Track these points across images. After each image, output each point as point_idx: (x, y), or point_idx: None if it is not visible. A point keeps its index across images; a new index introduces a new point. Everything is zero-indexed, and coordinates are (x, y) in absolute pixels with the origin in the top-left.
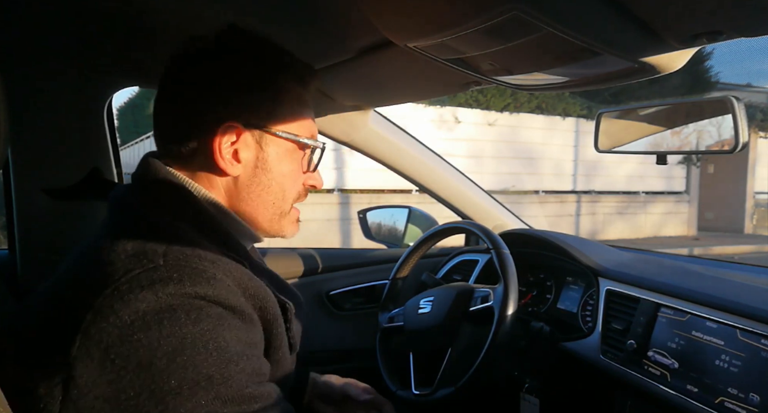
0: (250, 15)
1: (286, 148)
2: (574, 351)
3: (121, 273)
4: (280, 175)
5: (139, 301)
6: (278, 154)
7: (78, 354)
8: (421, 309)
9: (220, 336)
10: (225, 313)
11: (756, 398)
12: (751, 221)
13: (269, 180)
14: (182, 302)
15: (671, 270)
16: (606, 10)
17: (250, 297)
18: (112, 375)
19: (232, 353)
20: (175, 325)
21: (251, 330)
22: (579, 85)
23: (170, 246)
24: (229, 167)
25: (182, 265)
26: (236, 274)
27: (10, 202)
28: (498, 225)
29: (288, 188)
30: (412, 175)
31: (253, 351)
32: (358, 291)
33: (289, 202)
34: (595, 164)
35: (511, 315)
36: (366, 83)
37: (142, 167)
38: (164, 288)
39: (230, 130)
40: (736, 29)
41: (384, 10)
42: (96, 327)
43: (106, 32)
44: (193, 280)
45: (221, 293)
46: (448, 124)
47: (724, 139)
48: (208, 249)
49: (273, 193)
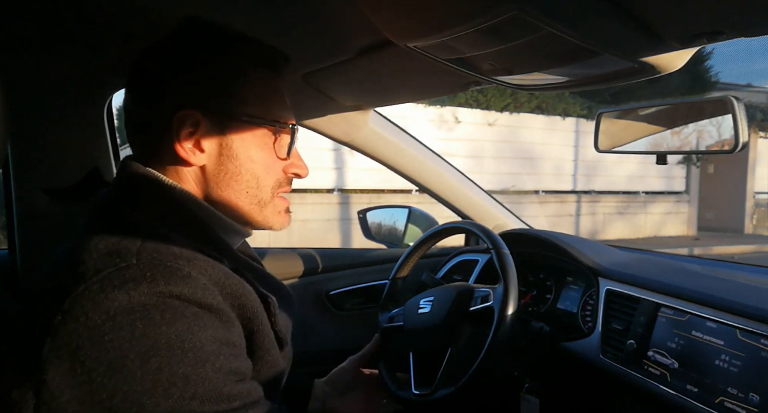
0: (251, 15)
1: (252, 132)
2: (574, 351)
3: (92, 273)
4: (248, 162)
5: (110, 301)
6: (243, 140)
7: (48, 357)
8: (421, 309)
9: (195, 337)
10: (201, 312)
11: (756, 398)
12: (751, 221)
13: (236, 167)
14: (156, 301)
15: (671, 270)
16: (606, 11)
17: (228, 295)
18: (83, 378)
19: (209, 352)
20: (148, 326)
21: (229, 329)
22: (579, 85)
23: (144, 244)
24: (192, 157)
25: (156, 264)
26: (212, 272)
27: (10, 201)
28: (498, 225)
29: (261, 175)
30: (412, 175)
31: (230, 350)
32: (358, 291)
33: (267, 191)
34: (595, 164)
35: (511, 315)
36: (366, 83)
37: (119, 168)
38: (137, 288)
39: (188, 118)
40: (736, 29)
41: (384, 10)
42: (65, 329)
43: (106, 32)
44: (168, 279)
45: (196, 292)
46: (448, 124)
47: (724, 139)
48: (183, 246)
49: (244, 181)
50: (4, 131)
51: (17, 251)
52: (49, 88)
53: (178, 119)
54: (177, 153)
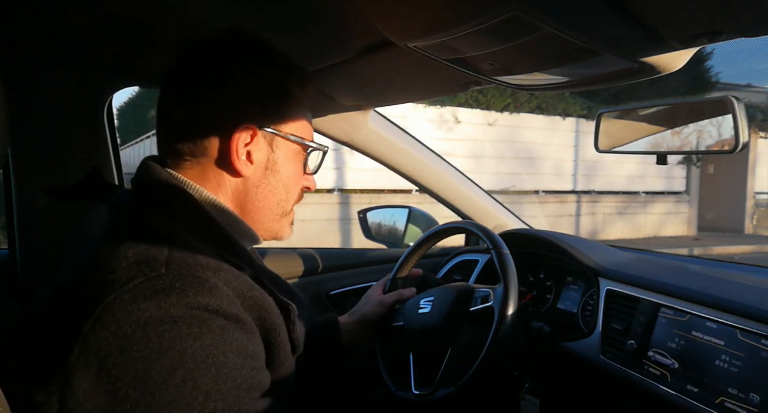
0: (251, 15)
1: (293, 150)
2: (574, 351)
3: (123, 281)
4: (286, 177)
5: (141, 311)
6: (286, 157)
7: (76, 363)
8: (421, 309)
9: (220, 352)
10: (227, 324)
11: (756, 398)
12: (751, 221)
13: (277, 181)
14: (184, 314)
15: (671, 270)
16: (606, 11)
17: (249, 307)
18: (108, 386)
19: (231, 368)
20: (176, 338)
21: (251, 340)
22: (579, 85)
23: (171, 253)
24: (244, 168)
25: (184, 274)
26: (236, 284)
27: (10, 201)
28: (498, 225)
29: (291, 189)
30: (412, 175)
31: (252, 363)
32: (358, 291)
33: (291, 203)
34: (595, 164)
35: (511, 315)
36: (366, 83)
37: (140, 171)
38: (167, 299)
39: (246, 131)
40: (736, 29)
41: (384, 10)
42: (95, 336)
43: (106, 32)
44: (196, 290)
45: (222, 303)
46: (448, 124)
47: (724, 139)
48: (209, 255)
49: (278, 195)
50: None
51: (17, 251)
52: (49, 88)
53: (240, 131)
54: (231, 162)
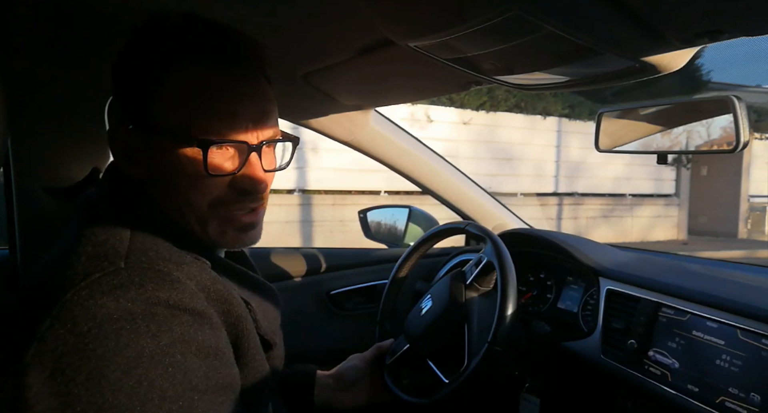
0: (251, 14)
1: (173, 147)
2: (574, 351)
3: (81, 277)
4: (172, 176)
5: (98, 307)
6: (165, 155)
7: (32, 362)
8: (423, 309)
9: (178, 351)
10: (189, 320)
11: (757, 398)
12: (745, 225)
13: (165, 183)
14: (143, 310)
15: (672, 270)
16: (607, 10)
17: (213, 301)
18: (61, 387)
19: (189, 369)
20: (133, 336)
21: (215, 336)
22: (580, 85)
23: (132, 246)
24: (127, 168)
25: (145, 268)
26: (200, 278)
27: (10, 201)
28: (498, 224)
29: (189, 192)
30: (412, 175)
31: (214, 362)
32: (359, 291)
33: (202, 209)
34: (578, 165)
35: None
36: (367, 83)
37: (106, 168)
38: (125, 294)
39: (118, 132)
40: (738, 28)
41: (385, 10)
42: (53, 334)
43: (106, 32)
44: (156, 284)
45: (185, 297)
46: (420, 123)
47: (724, 139)
48: (171, 249)
49: (174, 198)
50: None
51: (17, 251)
52: (49, 88)
53: (109, 133)
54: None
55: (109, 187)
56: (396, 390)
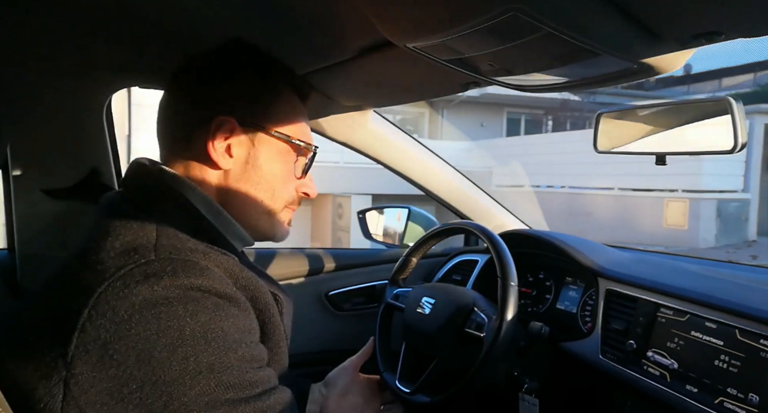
0: (251, 15)
1: (278, 148)
2: (573, 352)
3: (114, 270)
4: (269, 174)
5: (135, 295)
6: (269, 153)
7: (76, 353)
8: (421, 308)
9: (218, 326)
10: (221, 302)
11: (755, 398)
12: None
13: (258, 177)
14: (178, 294)
15: (671, 271)
16: (605, 11)
17: (241, 287)
18: (112, 370)
19: (231, 341)
20: (172, 317)
21: (247, 317)
22: (578, 86)
23: (159, 241)
24: (221, 160)
25: (174, 258)
26: (226, 265)
27: (10, 201)
28: (497, 225)
29: (277, 188)
30: (411, 176)
31: (250, 337)
32: (358, 291)
33: (280, 203)
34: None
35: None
36: (365, 83)
37: (130, 170)
38: (159, 282)
39: (224, 124)
40: (735, 30)
41: (383, 11)
42: (93, 324)
43: (106, 32)
44: (187, 272)
45: (214, 283)
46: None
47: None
48: (196, 243)
49: (262, 191)
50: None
51: (17, 251)
52: (49, 87)
53: (217, 123)
54: (208, 153)
55: (135, 186)
56: (397, 390)
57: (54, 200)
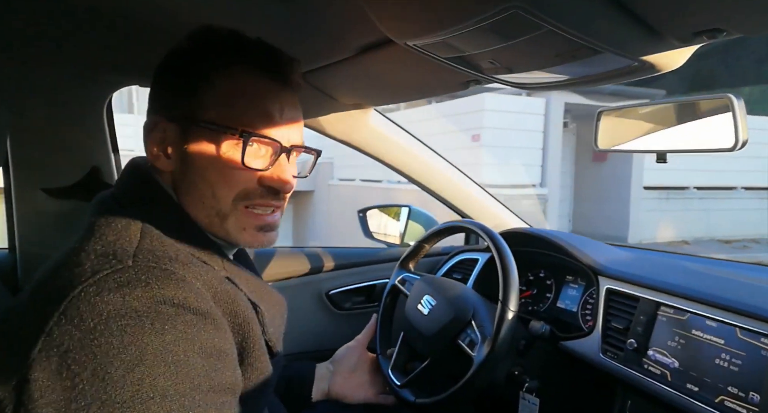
0: (250, 14)
1: (211, 139)
2: (574, 351)
3: (89, 274)
4: (202, 169)
5: (105, 304)
6: (201, 147)
7: (38, 357)
8: (421, 305)
9: (182, 350)
10: (193, 319)
11: (756, 397)
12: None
13: (194, 175)
14: (149, 308)
15: (671, 269)
16: (606, 8)
17: (220, 301)
18: (66, 382)
19: (191, 368)
20: (137, 333)
21: (220, 336)
22: (579, 83)
23: (141, 244)
24: (157, 161)
25: (152, 267)
26: (206, 278)
27: (10, 201)
28: (498, 224)
29: (217, 184)
30: (412, 174)
31: (217, 363)
32: (358, 290)
33: (226, 202)
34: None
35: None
36: (366, 82)
37: (124, 169)
38: (132, 292)
39: (157, 123)
40: (737, 27)
41: (384, 9)
42: (60, 330)
43: (106, 32)
44: (162, 283)
45: (189, 296)
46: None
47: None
48: (179, 250)
49: (199, 190)
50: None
51: (17, 251)
52: (49, 87)
53: (147, 124)
54: (150, 158)
55: (125, 186)
56: (397, 389)
57: (54, 199)
